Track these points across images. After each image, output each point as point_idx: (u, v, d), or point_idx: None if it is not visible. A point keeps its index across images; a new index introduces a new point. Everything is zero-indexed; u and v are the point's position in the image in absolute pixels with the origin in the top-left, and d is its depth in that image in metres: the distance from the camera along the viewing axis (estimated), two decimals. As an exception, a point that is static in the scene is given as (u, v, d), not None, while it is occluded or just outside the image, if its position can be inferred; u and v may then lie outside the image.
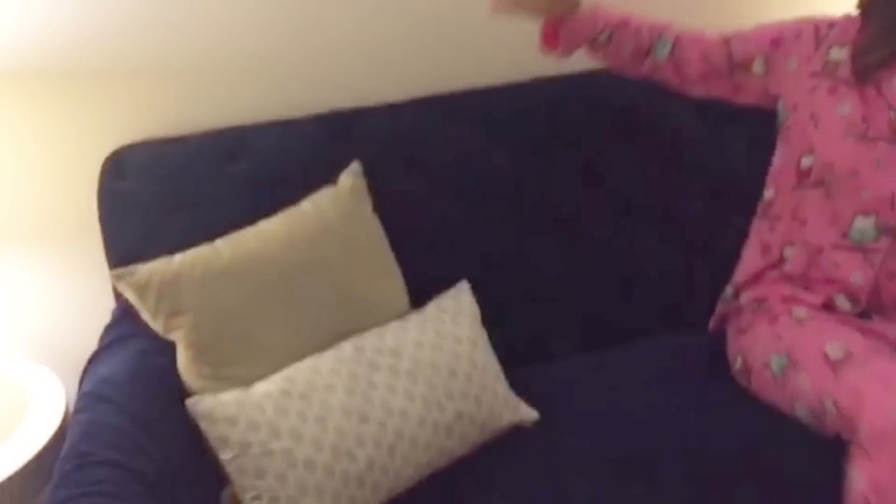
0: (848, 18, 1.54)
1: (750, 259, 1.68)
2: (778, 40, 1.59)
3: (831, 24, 1.56)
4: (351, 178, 1.66)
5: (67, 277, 1.85)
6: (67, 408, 1.65)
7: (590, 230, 1.86)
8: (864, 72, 1.48)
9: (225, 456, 1.34)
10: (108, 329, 1.66)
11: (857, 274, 1.52)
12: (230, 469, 1.35)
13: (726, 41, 1.63)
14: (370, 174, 1.70)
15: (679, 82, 1.68)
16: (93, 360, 1.58)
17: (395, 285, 1.65)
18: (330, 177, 1.69)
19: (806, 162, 1.54)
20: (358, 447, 1.38)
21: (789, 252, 1.59)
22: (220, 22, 1.77)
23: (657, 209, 1.88)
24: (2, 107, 1.73)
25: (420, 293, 1.67)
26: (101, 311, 1.72)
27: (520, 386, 1.60)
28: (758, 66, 1.60)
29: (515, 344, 1.70)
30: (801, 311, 1.55)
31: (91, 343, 1.63)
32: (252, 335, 1.48)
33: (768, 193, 1.65)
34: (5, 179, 1.77)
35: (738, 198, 1.79)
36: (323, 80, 1.86)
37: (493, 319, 1.65)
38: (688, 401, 1.58)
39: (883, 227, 1.48)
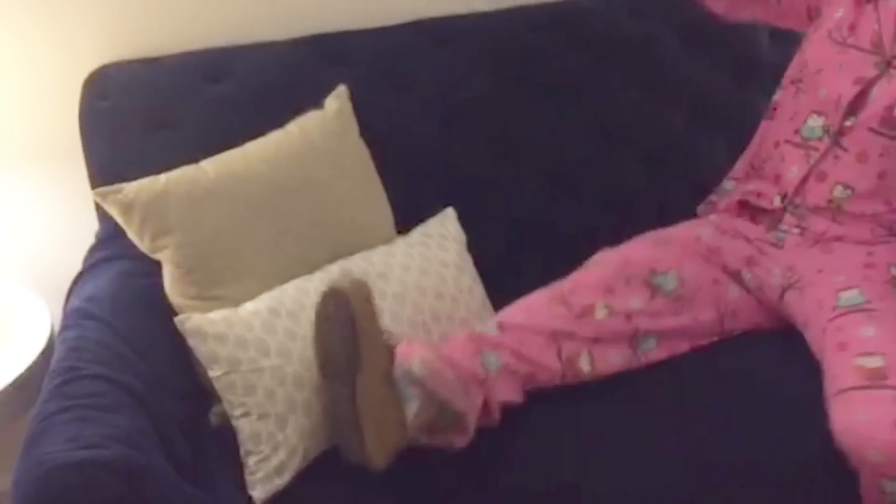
0: None
1: (746, 155, 1.74)
2: None
3: None
4: (337, 101, 1.65)
5: (50, 199, 1.83)
6: (52, 328, 1.65)
7: (572, 152, 1.86)
8: None
9: (214, 373, 1.35)
10: (92, 250, 1.65)
11: (793, 169, 1.59)
12: (219, 386, 1.36)
13: None
14: (356, 98, 1.69)
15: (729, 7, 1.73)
16: (77, 280, 1.58)
17: (381, 209, 1.65)
18: (315, 100, 1.68)
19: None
20: (346, 365, 1.40)
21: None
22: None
23: (639, 131, 1.89)
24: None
25: (405, 217, 1.67)
26: (85, 233, 1.71)
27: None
28: None
29: (497, 267, 1.70)
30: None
31: (75, 265, 1.63)
32: (238, 255, 1.48)
33: (776, 94, 1.70)
34: (-16, 101, 1.74)
35: (719, 118, 1.83)
36: (308, 3, 1.83)
37: (476, 243, 1.66)
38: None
39: (826, 127, 1.55)
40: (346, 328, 1.31)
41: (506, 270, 1.78)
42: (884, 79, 1.51)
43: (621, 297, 1.50)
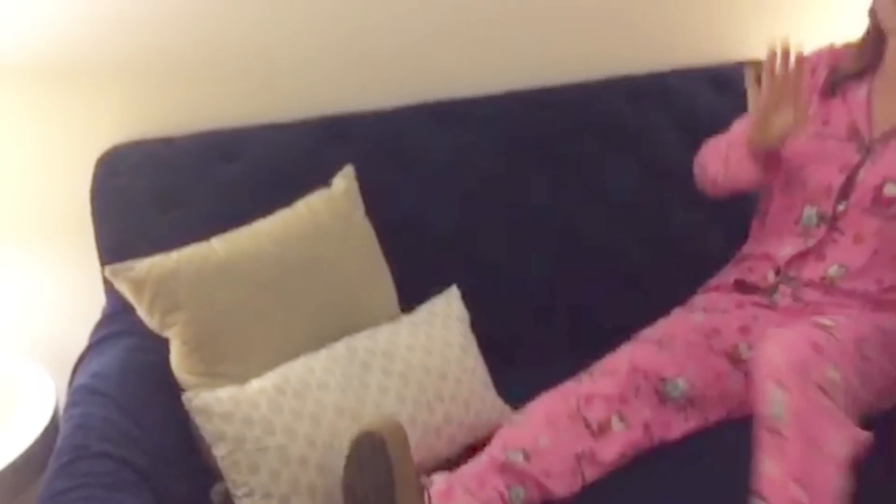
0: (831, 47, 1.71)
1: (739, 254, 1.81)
2: None
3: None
4: (344, 180, 1.69)
5: (58, 274, 1.85)
6: (57, 403, 1.66)
7: (575, 233, 1.91)
8: (835, 84, 1.65)
9: (219, 451, 1.36)
10: (99, 326, 1.67)
11: (787, 248, 1.66)
12: (224, 464, 1.36)
13: None
14: (362, 178, 1.73)
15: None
16: (84, 356, 1.59)
17: (386, 287, 1.67)
18: (323, 180, 1.72)
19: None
20: (350, 445, 1.41)
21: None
22: (215, 23, 1.79)
23: (641, 213, 1.94)
24: (-2, 103, 1.74)
25: (410, 295, 1.70)
26: (92, 309, 1.72)
27: (507, 388, 1.63)
28: None
29: (503, 346, 1.73)
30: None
31: (81, 340, 1.64)
32: (247, 333, 1.50)
33: (763, 198, 1.79)
34: (-1, 176, 1.78)
35: (716, 203, 1.86)
36: (316, 85, 1.89)
37: (482, 321, 1.68)
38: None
39: (821, 214, 1.63)
40: (382, 475, 1.28)
41: (512, 347, 1.81)
42: (867, 162, 1.59)
43: (634, 408, 1.52)
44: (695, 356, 1.59)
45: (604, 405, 1.51)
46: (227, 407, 1.37)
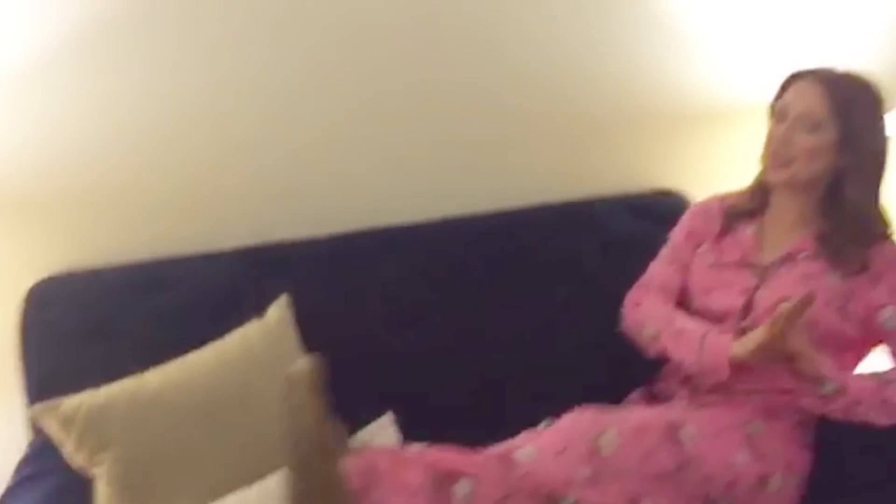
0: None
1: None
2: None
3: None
4: (278, 310, 1.71)
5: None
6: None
7: (503, 354, 1.95)
8: (728, 224, 1.84)
9: None
10: (23, 464, 1.62)
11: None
12: None
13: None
14: (296, 306, 1.75)
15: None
16: (6, 495, 1.54)
17: (320, 417, 1.67)
18: (256, 309, 1.73)
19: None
20: (285, 583, 1.38)
21: None
22: (144, 155, 1.82)
23: (567, 334, 1.99)
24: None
25: (346, 421, 1.69)
26: (14, 446, 1.67)
27: None
28: None
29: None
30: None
31: (3, 477, 1.59)
32: (177, 469, 1.48)
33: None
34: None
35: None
36: (248, 214, 1.92)
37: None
38: None
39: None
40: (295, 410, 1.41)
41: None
42: (763, 285, 1.74)
43: None
44: None
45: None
46: (156, 548, 1.33)
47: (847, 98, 1.69)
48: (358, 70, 1.93)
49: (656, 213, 2.15)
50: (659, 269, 1.90)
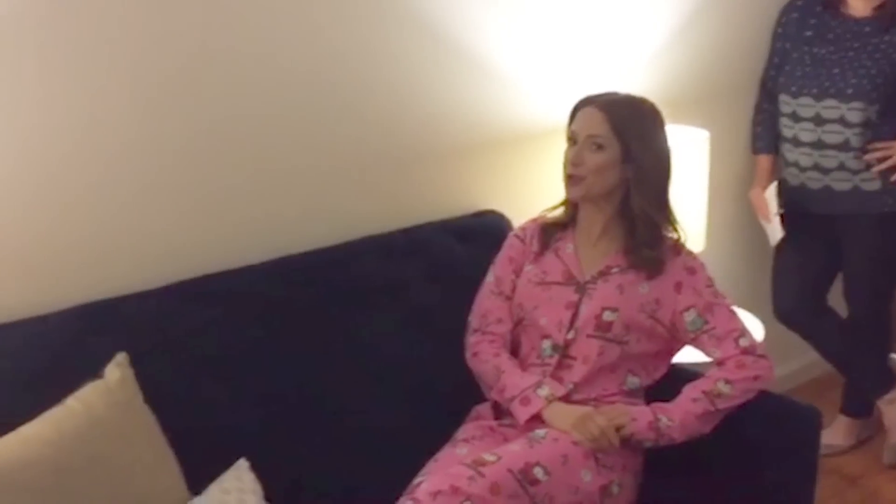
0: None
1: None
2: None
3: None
4: (118, 369, 1.65)
5: None
6: None
7: (343, 393, 1.98)
8: (545, 243, 2.02)
9: None
10: None
11: (530, 378, 1.91)
12: None
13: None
14: (133, 362, 1.70)
15: None
16: None
17: (172, 474, 1.64)
18: (90, 370, 1.67)
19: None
20: None
21: None
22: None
23: (399, 366, 2.05)
24: None
25: (199, 474, 1.67)
26: None
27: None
28: None
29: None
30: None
31: None
32: (25, 550, 1.40)
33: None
34: None
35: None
36: (72, 273, 1.84)
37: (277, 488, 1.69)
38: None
39: (554, 345, 1.92)
40: None
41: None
42: (585, 298, 1.93)
43: None
44: None
45: None
46: None
47: (624, 118, 1.91)
48: (176, 117, 1.91)
49: (478, 232, 2.27)
50: (489, 305, 2.03)
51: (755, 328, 2.48)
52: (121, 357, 1.68)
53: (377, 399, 2.01)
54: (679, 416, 1.83)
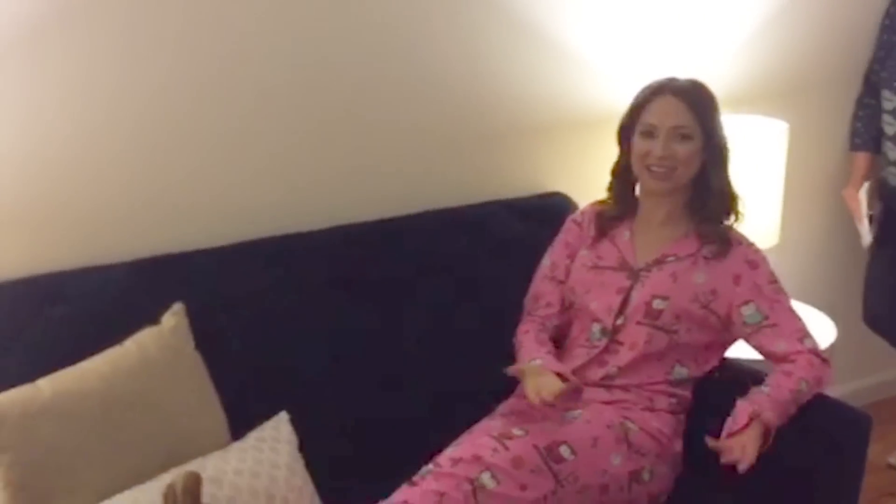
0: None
1: None
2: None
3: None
4: (174, 317, 1.77)
5: None
6: None
7: (396, 352, 2.04)
8: (602, 229, 2.02)
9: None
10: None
11: (577, 360, 1.93)
12: None
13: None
14: (192, 314, 1.81)
15: None
16: None
17: (215, 417, 1.74)
18: (151, 319, 1.78)
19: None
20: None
21: None
22: (36, 170, 1.85)
23: (453, 330, 2.10)
24: None
25: (243, 423, 1.77)
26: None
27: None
28: None
29: (336, 465, 1.81)
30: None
31: None
32: (74, 470, 1.53)
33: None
34: None
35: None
36: (141, 227, 1.96)
37: (313, 442, 1.77)
38: None
39: (604, 329, 1.92)
40: None
41: (343, 465, 1.87)
42: (637, 285, 1.92)
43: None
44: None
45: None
46: (49, 545, 1.38)
47: (703, 105, 1.91)
48: (247, 81, 2.00)
49: (541, 213, 2.28)
50: (542, 289, 2.05)
51: (828, 330, 2.40)
52: (177, 307, 1.79)
53: (431, 364, 2.05)
54: (776, 411, 1.77)
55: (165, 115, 1.94)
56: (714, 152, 1.91)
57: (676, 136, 1.88)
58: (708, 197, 1.92)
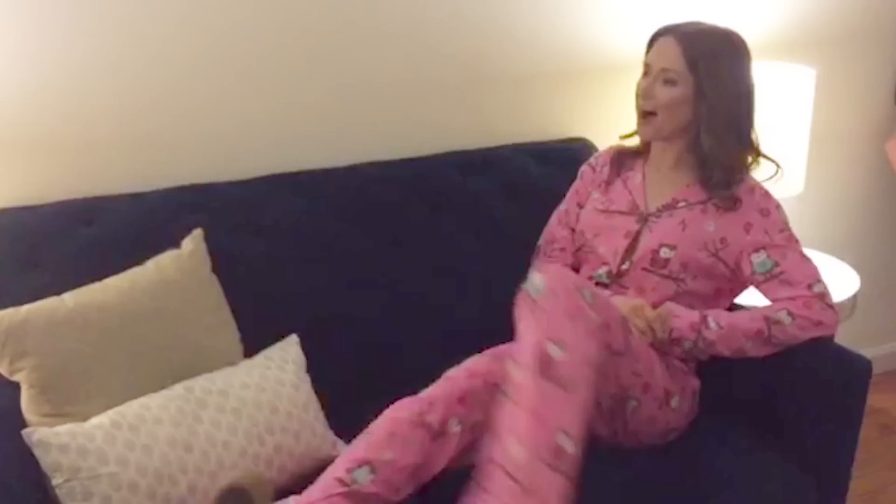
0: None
1: None
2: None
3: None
4: (193, 242, 1.87)
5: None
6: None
7: (408, 289, 2.10)
8: (617, 170, 2.03)
9: (56, 481, 1.49)
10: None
11: None
12: (60, 493, 1.49)
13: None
14: (216, 241, 1.91)
15: None
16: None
17: (228, 335, 1.84)
18: (176, 243, 1.89)
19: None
20: (181, 473, 1.55)
21: None
22: (76, 98, 1.95)
23: (465, 269, 2.15)
24: None
25: (257, 345, 1.86)
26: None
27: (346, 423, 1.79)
28: None
29: (345, 386, 1.90)
30: None
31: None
32: (91, 376, 1.65)
33: None
34: None
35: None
36: (173, 156, 2.07)
37: (325, 366, 1.86)
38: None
39: (609, 272, 1.93)
40: None
41: (353, 389, 1.96)
42: (645, 230, 1.92)
43: (470, 410, 1.66)
44: None
45: (443, 408, 1.64)
46: (63, 440, 1.51)
47: (702, 52, 1.83)
48: (271, 18, 2.07)
49: (559, 157, 2.31)
50: (555, 233, 2.08)
51: (851, 279, 2.38)
52: (196, 232, 1.89)
53: (452, 293, 2.11)
54: (728, 327, 1.80)
55: (197, 47, 2.02)
56: (710, 110, 1.83)
57: (662, 79, 1.86)
58: (703, 158, 1.88)
